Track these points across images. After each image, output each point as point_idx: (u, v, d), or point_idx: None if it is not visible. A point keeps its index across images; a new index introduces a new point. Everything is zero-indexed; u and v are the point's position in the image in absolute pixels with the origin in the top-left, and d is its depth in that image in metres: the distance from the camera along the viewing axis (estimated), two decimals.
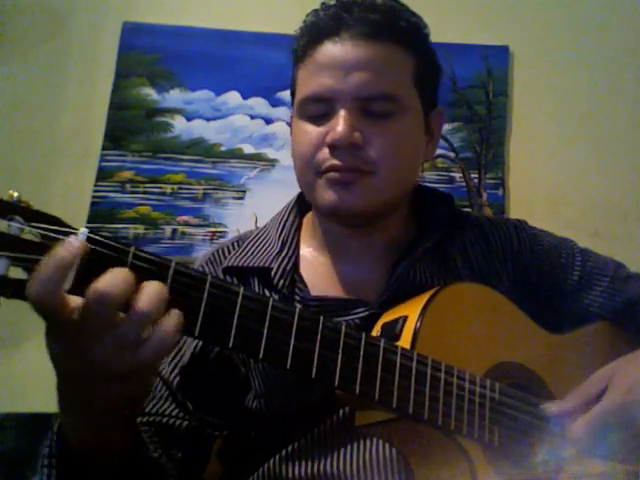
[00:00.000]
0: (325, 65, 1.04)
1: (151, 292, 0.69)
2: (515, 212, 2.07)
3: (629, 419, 0.92)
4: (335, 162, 1.02)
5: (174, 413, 1.06)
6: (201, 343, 1.09)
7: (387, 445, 0.97)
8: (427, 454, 0.91)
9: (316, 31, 1.07)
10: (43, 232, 0.67)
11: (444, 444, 0.90)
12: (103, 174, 2.12)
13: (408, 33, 1.08)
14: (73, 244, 0.66)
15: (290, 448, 1.02)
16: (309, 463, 1.00)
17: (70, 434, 0.81)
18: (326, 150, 1.03)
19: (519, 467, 0.94)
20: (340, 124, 1.01)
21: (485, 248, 1.17)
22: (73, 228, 0.69)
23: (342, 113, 1.02)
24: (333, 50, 1.04)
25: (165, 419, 1.06)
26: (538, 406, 0.99)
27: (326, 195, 1.04)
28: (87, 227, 2.10)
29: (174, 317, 0.70)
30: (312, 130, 1.05)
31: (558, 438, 0.96)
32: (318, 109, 1.05)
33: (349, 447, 0.99)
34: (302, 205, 1.20)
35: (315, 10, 1.10)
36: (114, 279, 0.67)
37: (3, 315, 1.84)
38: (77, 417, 0.79)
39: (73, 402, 0.77)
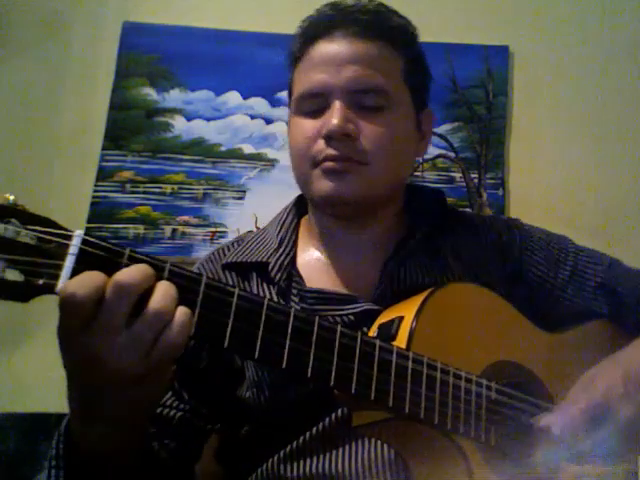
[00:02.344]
0: (319, 62, 1.10)
1: (163, 291, 0.71)
2: (515, 212, 2.07)
3: (608, 416, 0.93)
4: (331, 152, 1.06)
5: (168, 403, 1.08)
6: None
7: (386, 445, 0.97)
8: (424, 453, 0.92)
9: (310, 32, 1.13)
10: (39, 235, 0.68)
11: (441, 443, 0.90)
12: (103, 174, 2.13)
13: (397, 33, 1.13)
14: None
15: (289, 448, 1.02)
16: (308, 463, 1.00)
17: (82, 438, 0.82)
18: (321, 142, 1.07)
19: (516, 466, 0.94)
20: (335, 116, 1.05)
21: (476, 244, 1.17)
22: (68, 231, 0.70)
23: (336, 105, 1.06)
24: (326, 47, 1.10)
25: (160, 409, 1.07)
26: (535, 405, 0.99)
27: (321, 184, 1.07)
28: (87, 227, 2.09)
29: (186, 315, 0.72)
30: (308, 124, 1.09)
31: (554, 437, 0.96)
32: (313, 104, 1.10)
33: (348, 447, 0.99)
34: (300, 207, 1.23)
35: (309, 15, 1.16)
36: (132, 271, 0.70)
37: (3, 315, 1.84)
38: (92, 424, 0.80)
39: (88, 409, 0.78)
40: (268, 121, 2.18)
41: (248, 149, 2.17)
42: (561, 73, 2.18)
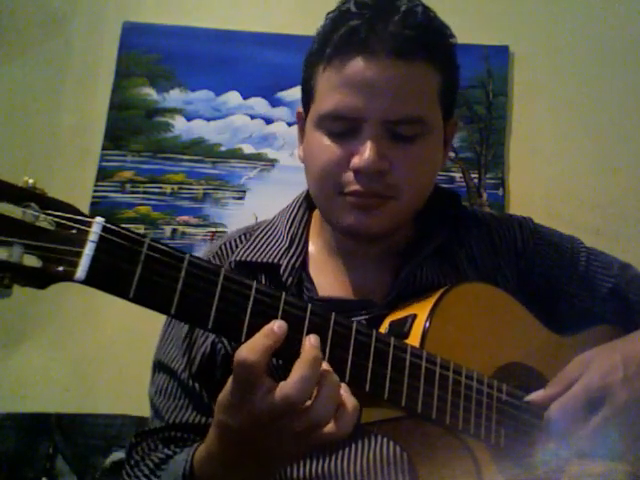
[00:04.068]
0: (352, 83, 0.98)
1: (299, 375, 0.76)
2: (515, 212, 2.04)
3: (605, 401, 0.93)
4: (359, 188, 0.99)
5: (190, 419, 1.07)
6: (209, 347, 1.07)
7: (391, 444, 0.97)
8: (432, 453, 0.91)
9: (347, 40, 0.99)
10: (58, 220, 0.66)
11: (449, 443, 0.90)
12: (103, 174, 2.13)
13: (439, 50, 1.03)
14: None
15: None
16: (313, 462, 1.00)
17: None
18: (350, 173, 1.00)
19: (524, 467, 0.94)
20: (368, 150, 0.97)
21: (490, 247, 1.16)
22: (88, 217, 0.68)
23: (370, 139, 0.98)
24: (363, 68, 0.97)
25: (184, 420, 1.06)
26: (544, 408, 0.98)
27: (346, 217, 1.02)
28: None
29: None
30: (334, 147, 1.01)
31: (561, 439, 0.96)
32: (340, 126, 1.00)
33: (353, 446, 0.99)
34: (312, 200, 1.16)
35: (346, 12, 1.01)
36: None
37: (3, 315, 1.82)
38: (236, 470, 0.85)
39: (242, 457, 0.83)
40: (268, 121, 2.18)
41: (248, 149, 2.17)
42: (561, 73, 2.18)
